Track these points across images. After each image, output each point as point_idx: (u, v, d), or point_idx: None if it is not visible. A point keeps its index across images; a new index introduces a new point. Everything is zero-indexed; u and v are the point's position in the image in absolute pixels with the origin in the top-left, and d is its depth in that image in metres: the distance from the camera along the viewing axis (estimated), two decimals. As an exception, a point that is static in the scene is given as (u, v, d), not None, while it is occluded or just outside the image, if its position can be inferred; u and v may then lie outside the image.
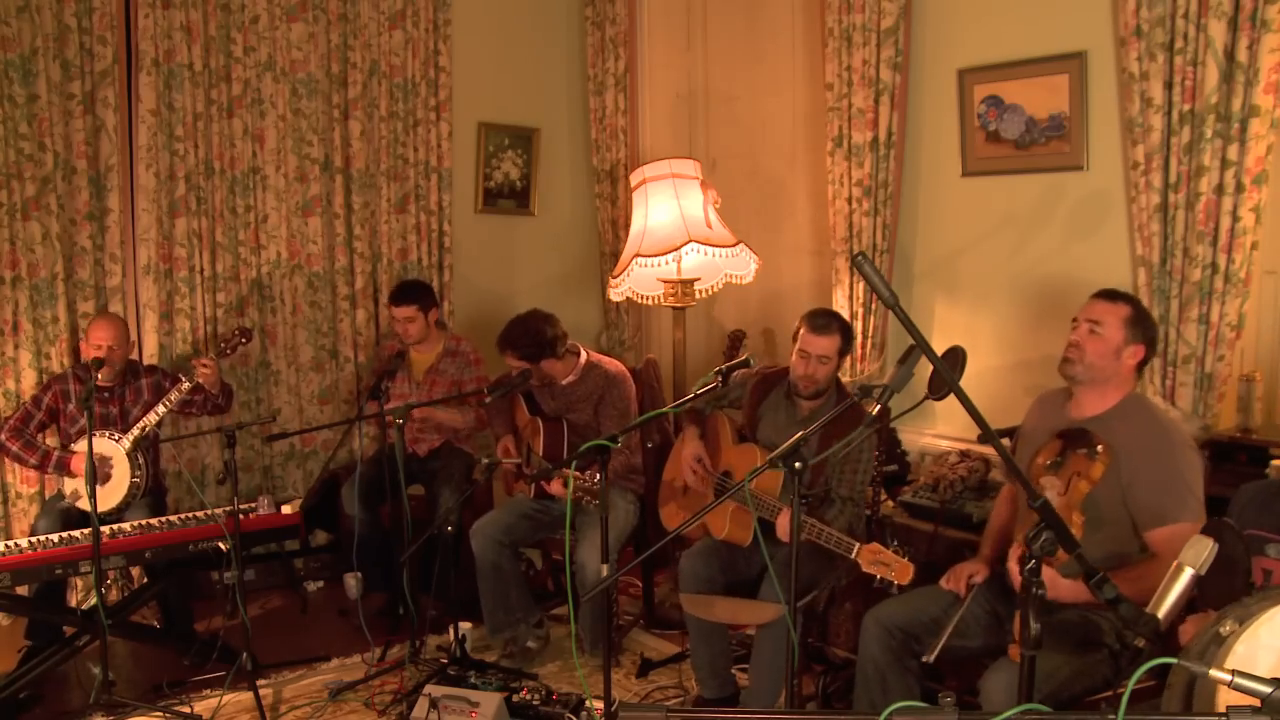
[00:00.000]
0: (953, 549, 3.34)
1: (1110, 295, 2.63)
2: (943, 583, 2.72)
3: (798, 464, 2.11)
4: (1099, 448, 2.28)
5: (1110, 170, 3.45)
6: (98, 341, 3.72)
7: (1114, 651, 2.42)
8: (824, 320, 3.24)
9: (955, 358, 2.72)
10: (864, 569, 2.64)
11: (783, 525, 3.00)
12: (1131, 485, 2.44)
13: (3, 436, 3.76)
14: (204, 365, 3.83)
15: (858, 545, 2.67)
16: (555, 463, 3.63)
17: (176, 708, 3.34)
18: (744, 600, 3.18)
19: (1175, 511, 2.41)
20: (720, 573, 3.25)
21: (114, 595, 4.03)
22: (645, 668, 3.69)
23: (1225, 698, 1.43)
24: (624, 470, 3.85)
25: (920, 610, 2.70)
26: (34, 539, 3.39)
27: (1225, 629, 1.61)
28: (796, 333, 3.27)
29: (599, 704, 3.00)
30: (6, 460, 3.97)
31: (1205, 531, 1.81)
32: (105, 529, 3.38)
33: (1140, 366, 2.63)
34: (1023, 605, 1.72)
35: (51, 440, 3.91)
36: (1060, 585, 2.26)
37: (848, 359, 3.38)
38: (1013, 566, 2.45)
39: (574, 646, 3.51)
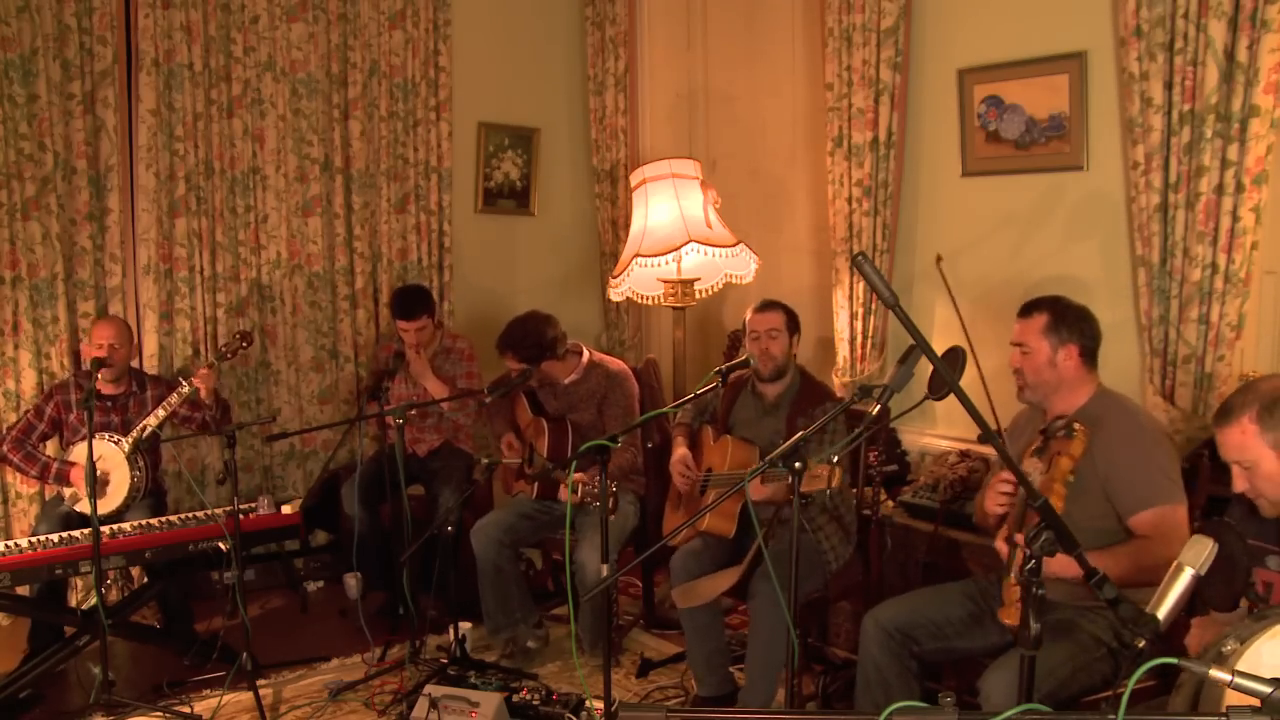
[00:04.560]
0: (953, 549, 3.35)
1: (1025, 311, 2.65)
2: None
3: (798, 464, 2.13)
4: (1076, 426, 2.29)
5: (1110, 170, 3.45)
6: (100, 340, 3.72)
7: (1113, 650, 2.42)
8: (765, 303, 3.45)
9: (955, 358, 2.73)
10: (805, 490, 2.64)
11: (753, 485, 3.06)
12: (1110, 476, 2.47)
13: (4, 448, 3.76)
14: (203, 370, 3.82)
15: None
16: (560, 464, 3.63)
17: (176, 708, 3.34)
18: (722, 571, 3.19)
19: (1153, 496, 2.45)
20: (711, 567, 3.27)
21: (114, 595, 4.03)
22: (645, 668, 3.69)
23: (1230, 704, 1.43)
24: (631, 468, 3.84)
25: (919, 610, 2.71)
26: (34, 539, 3.39)
27: (1227, 647, 1.63)
28: (745, 329, 3.43)
29: (599, 704, 3.00)
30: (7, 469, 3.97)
31: (1205, 531, 1.81)
32: (105, 529, 3.38)
33: (1088, 359, 2.60)
34: (1023, 605, 1.72)
35: (53, 448, 3.90)
36: (1050, 565, 2.25)
37: (795, 340, 3.45)
38: (1000, 545, 2.45)
39: (574, 646, 3.51)
